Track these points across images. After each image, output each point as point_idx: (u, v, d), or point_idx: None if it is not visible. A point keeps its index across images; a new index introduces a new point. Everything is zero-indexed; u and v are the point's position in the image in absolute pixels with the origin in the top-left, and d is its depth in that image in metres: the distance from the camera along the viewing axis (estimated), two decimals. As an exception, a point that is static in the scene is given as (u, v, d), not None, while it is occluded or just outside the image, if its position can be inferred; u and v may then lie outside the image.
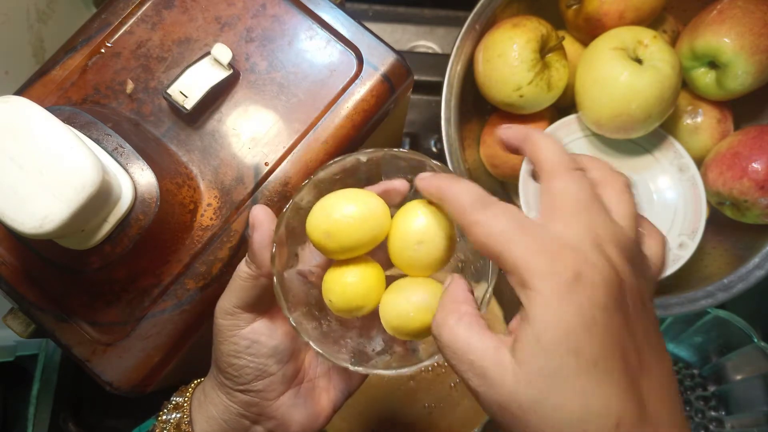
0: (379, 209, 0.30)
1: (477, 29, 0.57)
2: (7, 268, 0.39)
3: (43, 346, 0.66)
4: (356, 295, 0.30)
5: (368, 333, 0.34)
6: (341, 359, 0.30)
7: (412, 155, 0.31)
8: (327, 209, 0.29)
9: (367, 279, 0.31)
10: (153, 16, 0.42)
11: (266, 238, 0.30)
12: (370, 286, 0.31)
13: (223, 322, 0.32)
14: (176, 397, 0.36)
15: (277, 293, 0.30)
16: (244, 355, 0.32)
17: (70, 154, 0.31)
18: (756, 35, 0.50)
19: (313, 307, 0.33)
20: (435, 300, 0.28)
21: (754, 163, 0.51)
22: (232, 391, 0.33)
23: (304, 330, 0.31)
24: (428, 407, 0.58)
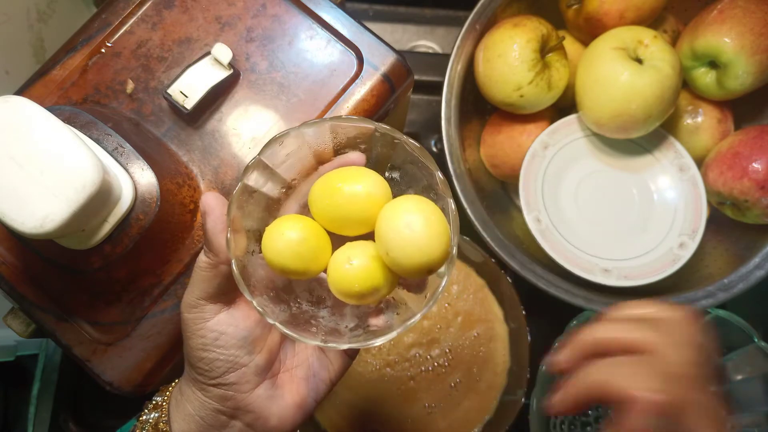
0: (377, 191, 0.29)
1: (477, 29, 0.57)
2: (8, 268, 0.39)
3: (44, 345, 0.66)
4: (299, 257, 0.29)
5: (340, 311, 0.32)
6: (311, 338, 0.29)
7: (359, 121, 0.30)
8: (329, 184, 0.30)
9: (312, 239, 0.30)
10: (153, 16, 0.42)
11: (219, 224, 0.30)
12: (316, 247, 0.30)
13: (189, 315, 0.31)
14: (156, 397, 0.35)
15: (237, 278, 0.29)
16: (212, 348, 0.31)
17: (70, 153, 0.31)
18: (756, 35, 0.50)
19: (281, 290, 0.32)
20: (376, 262, 0.29)
21: (754, 163, 0.51)
22: (205, 386, 0.32)
23: (271, 313, 0.29)
24: (428, 407, 0.58)
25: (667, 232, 0.55)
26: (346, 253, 0.30)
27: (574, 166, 0.57)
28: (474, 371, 0.58)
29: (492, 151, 0.61)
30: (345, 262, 0.29)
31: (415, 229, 0.27)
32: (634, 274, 0.54)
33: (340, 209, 0.29)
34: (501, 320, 0.60)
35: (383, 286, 0.30)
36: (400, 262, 0.28)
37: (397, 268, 0.29)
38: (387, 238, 0.28)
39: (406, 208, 0.28)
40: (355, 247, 0.30)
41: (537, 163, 0.57)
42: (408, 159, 0.31)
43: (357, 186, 0.29)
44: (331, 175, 0.30)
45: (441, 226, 0.28)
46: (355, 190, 0.29)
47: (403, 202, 0.29)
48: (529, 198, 0.56)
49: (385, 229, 0.28)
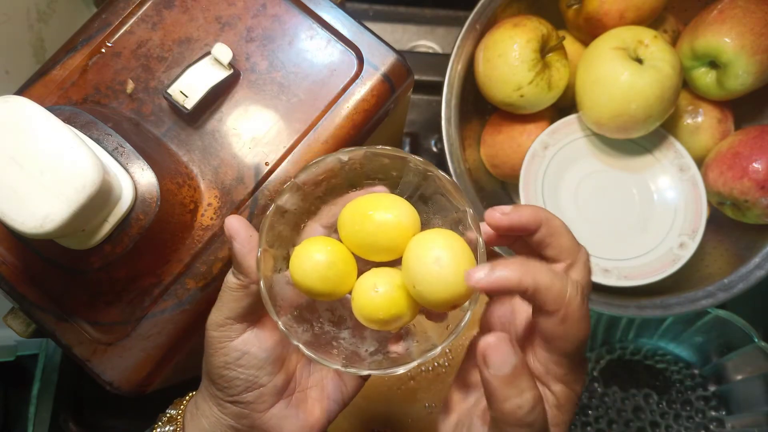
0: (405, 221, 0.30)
1: (477, 29, 0.57)
2: (8, 268, 0.39)
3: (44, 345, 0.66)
4: (326, 279, 0.30)
5: (360, 333, 0.33)
6: (332, 362, 0.30)
7: (394, 152, 0.30)
8: (360, 210, 0.30)
9: (339, 263, 0.30)
10: (153, 15, 0.42)
11: (246, 246, 0.30)
12: (343, 271, 0.30)
13: (215, 333, 0.32)
14: (170, 410, 0.36)
15: (264, 298, 0.29)
16: (234, 367, 0.32)
17: (70, 153, 0.31)
18: (756, 35, 0.50)
19: (304, 309, 0.32)
20: (400, 291, 0.29)
21: (754, 163, 0.51)
22: (223, 403, 0.33)
23: (294, 333, 0.30)
24: (429, 407, 0.58)
25: (667, 232, 0.55)
26: (372, 280, 0.30)
27: (574, 166, 0.57)
28: (474, 371, 0.58)
29: (492, 151, 0.61)
30: (371, 289, 0.30)
31: (443, 264, 0.27)
32: (634, 274, 0.54)
33: (369, 236, 0.30)
34: (501, 320, 0.60)
35: (406, 314, 0.30)
36: (426, 296, 0.28)
37: (421, 301, 0.29)
38: (414, 271, 0.28)
39: (436, 242, 0.28)
40: (380, 274, 0.30)
41: (537, 163, 0.57)
42: (439, 191, 0.31)
43: (388, 214, 0.29)
44: (363, 200, 0.31)
45: (468, 264, 0.28)
46: (386, 218, 0.29)
47: (432, 236, 0.29)
48: (529, 198, 0.56)
49: (413, 262, 0.28)
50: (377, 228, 0.29)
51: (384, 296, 0.29)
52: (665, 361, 0.63)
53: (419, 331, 0.33)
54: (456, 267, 0.27)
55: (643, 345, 0.62)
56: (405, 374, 0.58)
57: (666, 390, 0.62)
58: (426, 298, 0.28)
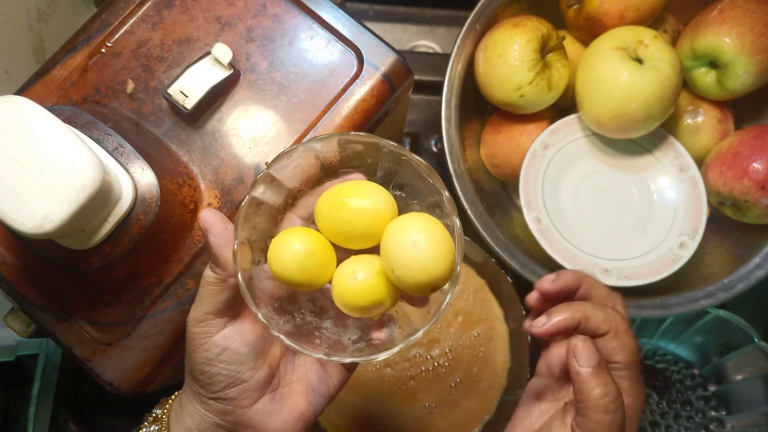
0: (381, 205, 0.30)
1: (477, 29, 0.57)
2: (8, 268, 0.39)
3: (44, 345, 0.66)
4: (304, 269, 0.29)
5: (343, 322, 0.33)
6: (315, 351, 0.29)
7: (367, 138, 0.30)
8: (336, 198, 0.30)
9: (318, 252, 0.30)
10: (153, 15, 0.42)
11: (222, 239, 0.30)
12: (322, 261, 0.30)
13: (195, 330, 0.32)
14: (156, 410, 0.35)
15: (243, 290, 0.29)
16: (215, 363, 0.32)
17: (70, 153, 0.31)
18: (757, 35, 0.50)
19: (285, 301, 0.32)
20: (380, 277, 0.29)
21: (754, 163, 0.51)
22: (206, 400, 0.33)
23: (275, 325, 0.30)
24: (428, 407, 0.58)
25: (667, 232, 0.55)
26: (351, 267, 0.30)
27: (574, 166, 0.57)
28: (474, 371, 0.58)
29: (492, 151, 0.61)
30: (350, 276, 0.29)
31: (420, 248, 0.27)
32: (634, 274, 0.54)
33: (346, 223, 0.30)
34: (501, 320, 0.60)
35: (386, 300, 0.30)
36: (405, 280, 0.28)
37: (401, 285, 0.29)
38: (393, 255, 0.28)
39: (413, 226, 0.28)
40: (359, 262, 0.30)
41: (537, 163, 0.57)
42: (415, 176, 0.31)
43: (364, 201, 0.29)
44: (338, 188, 0.30)
45: (446, 246, 0.28)
46: (362, 204, 0.29)
47: (409, 220, 0.29)
48: (529, 198, 0.56)
49: (391, 247, 0.28)
50: (354, 215, 0.29)
51: (364, 283, 0.29)
52: (665, 361, 0.63)
53: (401, 317, 0.33)
54: (434, 250, 0.27)
55: (643, 345, 0.62)
56: (405, 374, 0.58)
57: (666, 390, 0.62)
58: (405, 282, 0.28)
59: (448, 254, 0.28)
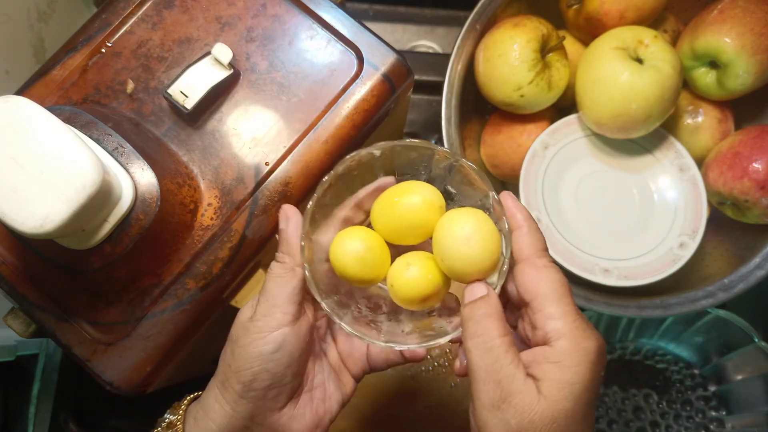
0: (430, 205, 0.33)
1: (478, 29, 0.57)
2: (8, 268, 0.39)
3: (44, 345, 0.66)
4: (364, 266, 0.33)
5: (396, 317, 0.35)
6: (374, 338, 0.32)
7: (423, 144, 0.33)
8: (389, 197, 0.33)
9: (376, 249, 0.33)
10: (153, 15, 0.42)
11: (297, 230, 0.33)
12: (379, 258, 0.33)
13: (257, 323, 0.32)
14: (169, 415, 0.35)
15: (309, 279, 0.32)
16: (267, 360, 0.31)
17: (70, 153, 0.31)
18: (757, 35, 0.50)
19: (343, 295, 0.34)
20: (432, 270, 0.32)
21: (754, 163, 0.51)
22: (238, 399, 0.32)
23: (336, 315, 0.32)
24: (428, 407, 0.58)
25: (668, 232, 0.55)
26: (405, 261, 0.33)
27: (574, 166, 0.57)
28: (474, 371, 0.58)
29: (492, 151, 0.61)
30: (404, 270, 0.32)
31: (471, 238, 0.30)
32: (634, 274, 0.54)
33: (400, 219, 0.33)
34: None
35: (439, 291, 0.33)
36: (455, 269, 0.31)
37: (452, 274, 0.32)
38: (445, 246, 0.31)
39: (464, 219, 0.31)
40: (412, 257, 0.33)
41: (537, 163, 0.57)
42: (465, 180, 0.34)
43: (415, 197, 0.33)
44: (390, 190, 0.34)
45: (494, 239, 0.31)
46: (413, 200, 0.32)
47: (461, 214, 0.32)
48: (529, 198, 0.56)
49: (443, 238, 0.31)
50: (406, 211, 0.32)
51: (417, 275, 0.32)
52: (665, 361, 0.63)
53: (451, 311, 0.35)
54: (483, 241, 0.30)
55: (643, 345, 0.62)
56: (405, 374, 0.58)
57: (666, 390, 0.62)
58: (456, 271, 0.31)
59: (495, 248, 0.31)
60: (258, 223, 0.40)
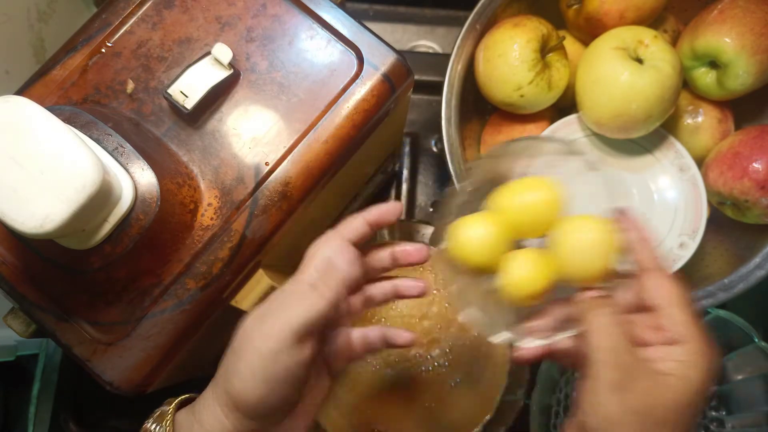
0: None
1: (478, 29, 0.57)
2: (8, 268, 0.39)
3: (44, 345, 0.66)
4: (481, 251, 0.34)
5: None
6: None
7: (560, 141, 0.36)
8: (512, 190, 0.35)
9: (493, 237, 0.34)
10: (153, 15, 0.42)
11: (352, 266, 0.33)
12: (494, 247, 0.34)
13: (268, 346, 0.29)
14: (154, 425, 0.32)
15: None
16: (277, 385, 0.30)
17: (70, 153, 0.31)
18: (757, 35, 0.50)
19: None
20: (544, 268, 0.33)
21: (754, 163, 0.51)
22: (243, 419, 0.31)
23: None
24: (428, 407, 0.58)
25: (668, 232, 0.55)
26: (524, 256, 0.34)
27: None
28: (474, 371, 0.58)
29: (492, 151, 0.61)
30: (520, 265, 0.34)
31: (594, 247, 0.32)
32: (634, 274, 0.54)
33: (521, 212, 0.34)
34: (501, 320, 0.60)
35: (547, 290, 0.34)
36: (574, 274, 0.33)
37: (568, 277, 0.33)
38: (568, 250, 0.33)
39: (590, 228, 0.33)
40: (527, 253, 0.34)
41: (537, 163, 0.57)
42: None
43: (538, 193, 0.34)
44: (513, 183, 0.35)
45: (613, 251, 0.33)
46: (536, 196, 0.34)
47: (587, 223, 0.33)
48: (529, 198, 0.56)
49: (567, 243, 0.33)
50: (529, 204, 0.34)
51: (531, 271, 0.33)
52: (665, 361, 0.63)
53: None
54: (605, 252, 0.32)
55: (643, 345, 0.62)
56: (405, 374, 0.58)
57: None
58: (573, 275, 0.33)
59: (612, 258, 0.32)
60: (258, 223, 0.40)
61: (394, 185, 0.70)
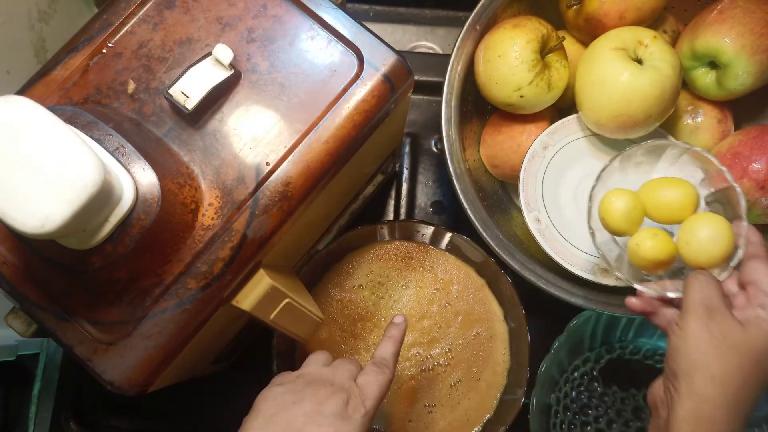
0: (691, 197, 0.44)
1: (477, 29, 0.57)
2: (9, 268, 0.39)
3: (45, 345, 0.66)
4: (623, 220, 0.45)
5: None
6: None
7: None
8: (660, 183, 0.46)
9: (633, 210, 0.45)
10: (154, 16, 0.42)
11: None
12: (635, 217, 0.45)
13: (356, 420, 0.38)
14: None
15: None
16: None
17: (71, 154, 0.31)
18: (756, 35, 0.50)
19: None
20: (668, 246, 0.44)
21: (754, 163, 0.51)
22: None
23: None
24: (428, 406, 0.58)
25: (667, 232, 0.56)
26: (652, 232, 0.44)
27: (573, 166, 0.57)
28: (474, 371, 0.58)
29: (492, 151, 0.61)
30: (651, 238, 0.44)
31: (714, 239, 0.42)
32: (633, 274, 0.54)
33: (665, 202, 0.45)
34: (501, 320, 0.60)
35: (669, 262, 0.44)
36: (694, 257, 0.43)
37: (687, 258, 0.43)
38: (692, 238, 0.43)
39: (714, 223, 0.42)
40: (655, 231, 0.44)
41: (537, 163, 0.57)
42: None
43: (680, 190, 0.44)
44: (661, 179, 0.46)
45: (729, 245, 0.42)
46: (678, 192, 0.44)
47: (711, 218, 0.43)
48: (529, 198, 0.56)
49: (694, 233, 0.43)
50: (670, 199, 0.44)
51: (660, 244, 0.43)
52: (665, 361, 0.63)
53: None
54: (722, 244, 0.42)
55: (642, 345, 0.62)
56: (405, 374, 0.58)
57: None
58: (692, 258, 0.43)
59: (728, 250, 0.42)
60: (259, 223, 0.40)
61: (394, 185, 0.70)
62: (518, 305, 0.57)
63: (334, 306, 0.60)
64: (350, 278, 0.61)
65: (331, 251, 0.59)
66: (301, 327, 0.47)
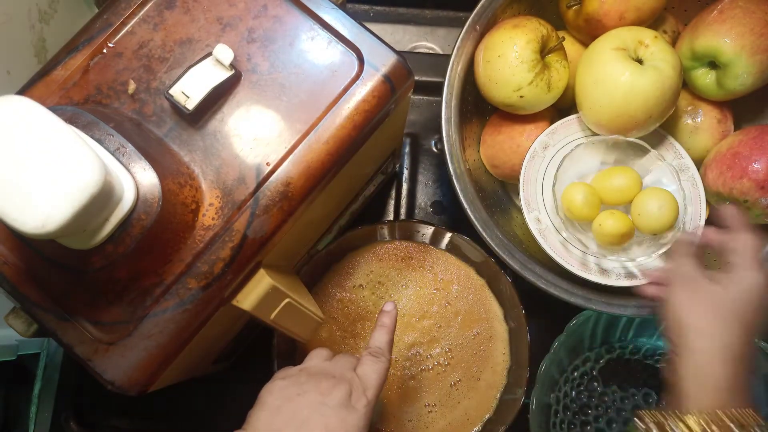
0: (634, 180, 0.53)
1: (477, 30, 0.57)
2: (9, 268, 0.39)
3: (45, 345, 0.66)
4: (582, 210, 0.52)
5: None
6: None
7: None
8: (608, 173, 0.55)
9: (593, 198, 0.53)
10: (155, 16, 0.42)
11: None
12: (594, 204, 0.53)
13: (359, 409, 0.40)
14: None
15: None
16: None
17: (72, 154, 0.31)
18: (756, 35, 0.50)
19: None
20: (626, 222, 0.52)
21: (754, 163, 0.51)
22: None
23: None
24: (428, 406, 0.58)
25: (667, 232, 0.56)
26: (609, 213, 0.52)
27: (573, 167, 0.57)
28: (474, 370, 0.58)
29: (492, 151, 0.61)
30: (609, 217, 0.51)
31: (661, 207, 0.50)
32: (633, 274, 0.54)
33: (615, 187, 0.53)
34: (501, 319, 0.60)
35: (630, 234, 0.52)
36: (643, 224, 0.51)
37: (640, 226, 0.52)
38: (642, 209, 0.51)
39: (657, 194, 0.51)
40: (611, 212, 0.52)
41: (537, 163, 0.57)
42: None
43: (628, 174, 0.53)
44: (611, 169, 0.54)
45: (675, 209, 0.51)
46: (627, 176, 0.53)
47: (655, 190, 0.52)
48: (529, 198, 0.56)
49: (642, 204, 0.51)
50: (620, 182, 0.53)
51: (618, 221, 0.51)
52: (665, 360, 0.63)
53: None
54: (666, 211, 0.50)
55: (642, 344, 0.62)
56: (405, 373, 0.58)
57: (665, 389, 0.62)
58: (644, 225, 0.51)
59: (674, 216, 0.51)
60: (259, 222, 0.40)
61: (394, 185, 0.70)
62: (518, 305, 0.57)
63: (335, 306, 0.60)
64: (350, 278, 0.61)
65: (331, 251, 0.59)
66: (302, 327, 0.47)
